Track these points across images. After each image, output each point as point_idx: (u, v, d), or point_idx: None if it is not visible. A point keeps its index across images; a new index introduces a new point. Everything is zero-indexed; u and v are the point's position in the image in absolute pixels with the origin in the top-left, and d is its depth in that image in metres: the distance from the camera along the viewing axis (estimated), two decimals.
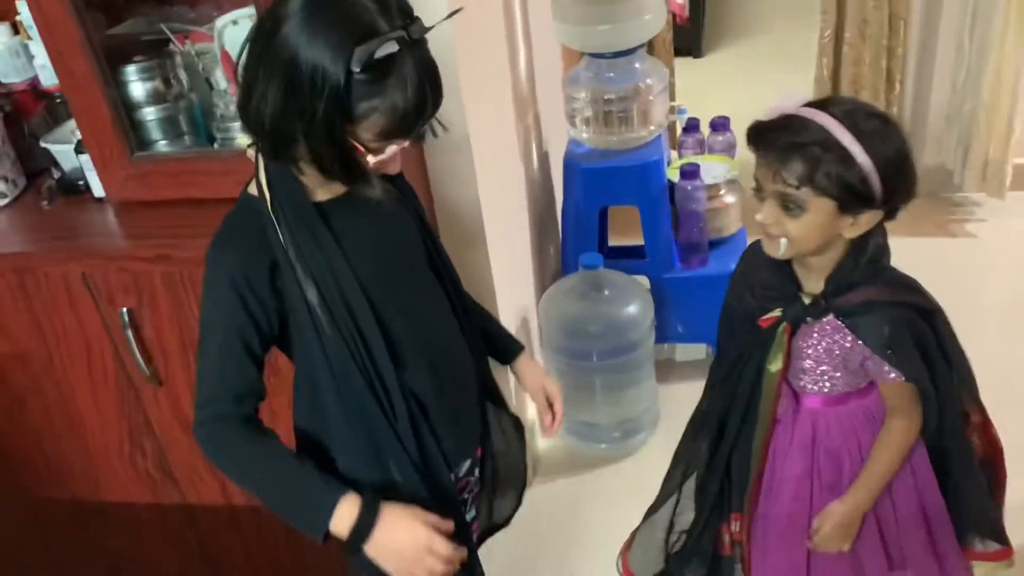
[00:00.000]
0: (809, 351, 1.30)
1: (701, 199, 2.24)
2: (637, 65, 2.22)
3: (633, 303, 2.13)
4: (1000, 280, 2.73)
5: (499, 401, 1.42)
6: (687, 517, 1.54)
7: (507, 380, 2.03)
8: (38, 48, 1.65)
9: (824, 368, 1.31)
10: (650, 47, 3.16)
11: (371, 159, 1.02)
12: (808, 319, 1.27)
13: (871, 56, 2.99)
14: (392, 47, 0.93)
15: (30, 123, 1.72)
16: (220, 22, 1.51)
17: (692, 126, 2.48)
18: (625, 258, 2.42)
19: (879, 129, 1.16)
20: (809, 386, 1.33)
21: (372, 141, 1.00)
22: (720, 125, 2.46)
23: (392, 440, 1.13)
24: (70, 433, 1.68)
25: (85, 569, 1.89)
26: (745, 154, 2.50)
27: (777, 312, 1.29)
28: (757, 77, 4.29)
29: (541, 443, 2.35)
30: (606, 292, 2.14)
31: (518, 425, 1.46)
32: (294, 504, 1.11)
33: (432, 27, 1.00)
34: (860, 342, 1.24)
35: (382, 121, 0.98)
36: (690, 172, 2.22)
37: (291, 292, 1.07)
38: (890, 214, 1.21)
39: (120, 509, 1.77)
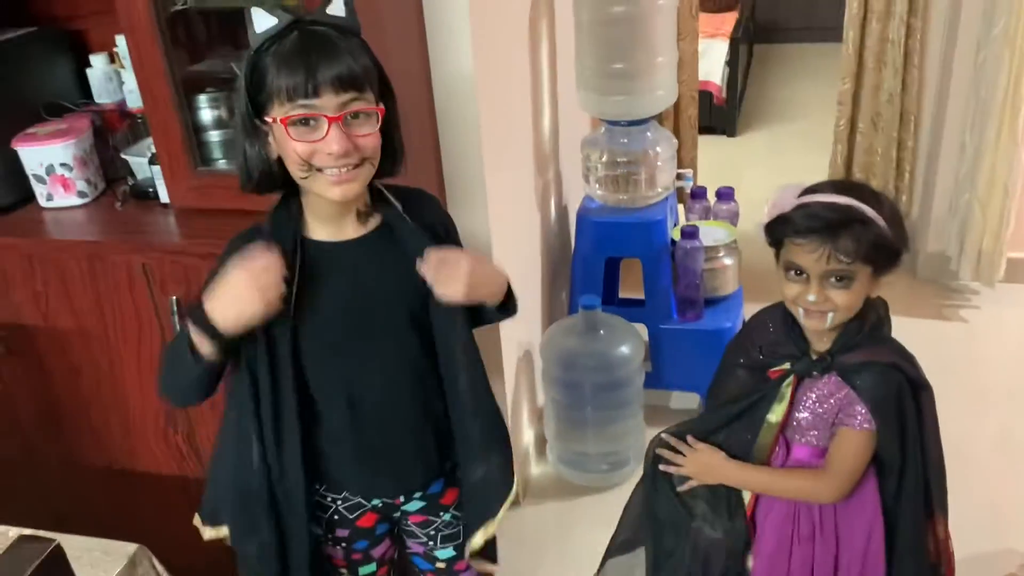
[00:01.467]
0: (809, 404, 1.41)
1: (699, 258, 2.46)
2: (648, 134, 2.47)
3: (625, 344, 2.34)
4: (986, 365, 2.88)
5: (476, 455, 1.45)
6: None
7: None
8: (128, 75, 1.96)
9: (819, 421, 1.41)
10: (676, 123, 3.42)
11: (298, 141, 1.16)
12: (814, 373, 1.40)
13: (883, 146, 3.21)
14: (271, 20, 1.15)
15: (114, 138, 2.01)
16: None
17: (700, 193, 2.71)
18: (630, 307, 2.64)
19: (874, 195, 1.34)
20: (798, 437, 1.45)
21: (286, 110, 1.15)
22: (725, 195, 2.69)
23: (255, 448, 1.32)
24: (115, 405, 1.93)
25: (113, 532, 2.12)
26: (746, 221, 2.72)
27: (786, 366, 1.41)
28: (784, 158, 4.53)
29: (534, 469, 2.55)
30: (601, 332, 2.35)
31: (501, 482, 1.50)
32: (175, 354, 1.26)
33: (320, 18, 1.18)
34: (854, 391, 1.36)
35: (278, 81, 1.14)
36: (690, 233, 2.44)
37: None
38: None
39: (150, 479, 2.01)
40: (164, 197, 1.84)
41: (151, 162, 1.84)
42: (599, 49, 2.37)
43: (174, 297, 1.74)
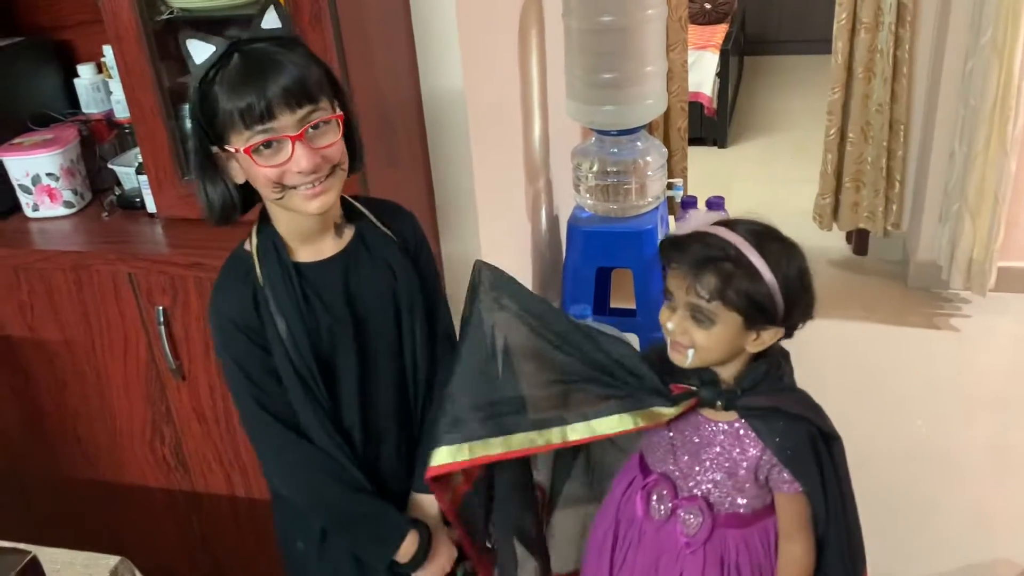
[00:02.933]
0: (718, 460, 1.32)
1: None
2: (639, 143, 2.47)
3: None
4: (977, 374, 2.88)
5: None
6: None
7: None
8: (115, 85, 1.95)
9: (734, 480, 1.32)
10: (666, 133, 3.43)
11: (265, 165, 1.15)
12: (718, 403, 1.30)
13: (872, 155, 3.22)
14: (208, 48, 1.14)
15: (101, 148, 2.00)
16: None
17: (690, 203, 2.71)
18: (621, 317, 2.63)
19: (783, 250, 1.24)
20: (722, 504, 1.35)
21: (246, 139, 1.14)
22: (715, 204, 2.69)
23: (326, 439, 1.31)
24: (102, 417, 1.91)
25: (99, 545, 2.09)
26: None
27: (692, 387, 1.31)
28: (775, 169, 4.54)
29: None
30: None
31: None
32: (365, 532, 1.34)
33: (254, 36, 1.16)
34: (767, 449, 1.28)
35: (229, 108, 1.12)
36: None
37: (268, 323, 1.26)
38: (788, 332, 1.28)
39: (136, 491, 1.99)
40: (151, 207, 1.83)
41: (138, 172, 1.83)
42: (588, 59, 2.37)
43: (160, 307, 1.73)
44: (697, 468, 1.35)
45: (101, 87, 2.06)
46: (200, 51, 1.15)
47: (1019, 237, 3.09)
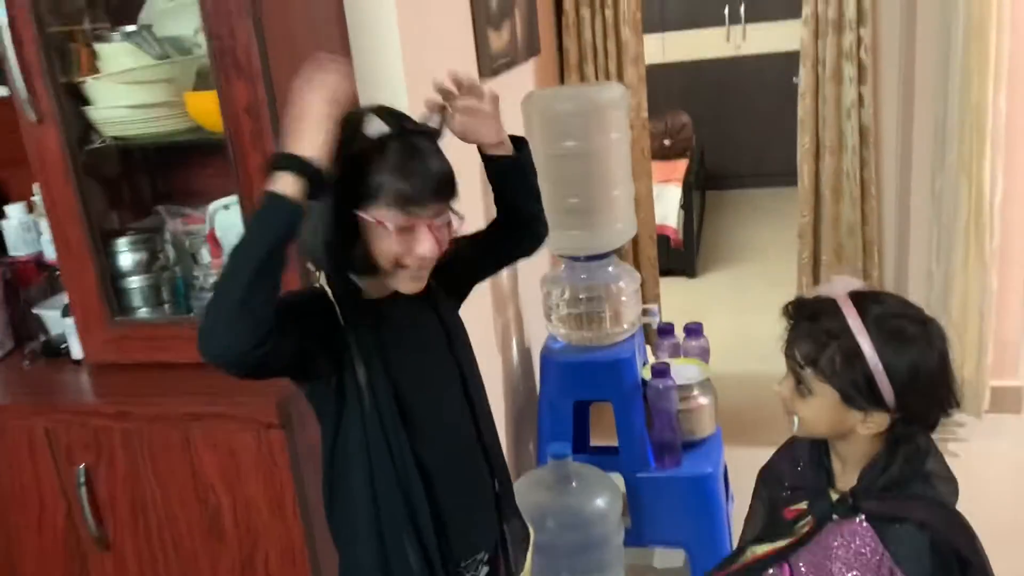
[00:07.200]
0: (839, 551, 1.23)
1: (672, 397, 2.28)
2: (610, 268, 2.36)
3: (601, 497, 2.11)
4: (980, 501, 2.66)
5: (513, 509, 1.47)
6: None
7: None
8: (46, 225, 1.80)
9: (854, 574, 1.22)
10: (636, 262, 3.34)
11: (396, 242, 1.16)
12: (835, 516, 1.23)
13: None
14: (382, 127, 1.15)
15: (27, 292, 1.84)
16: (212, 207, 1.66)
17: (667, 330, 2.57)
18: (603, 455, 2.43)
19: (903, 334, 1.15)
20: None
21: (393, 215, 1.15)
22: (694, 331, 2.55)
23: (404, 504, 1.24)
24: None
25: None
26: (716, 361, 2.58)
27: (803, 505, 1.27)
28: (747, 296, 4.47)
29: None
30: (574, 484, 2.13)
31: (526, 535, 1.51)
32: (257, 226, 1.11)
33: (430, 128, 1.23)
34: (890, 558, 1.18)
35: (392, 185, 1.14)
36: (661, 371, 2.28)
37: (347, 366, 1.21)
38: (919, 420, 1.19)
39: None
40: (77, 353, 1.65)
41: (64, 314, 1.66)
42: (554, 184, 2.28)
43: (82, 466, 1.52)
44: (822, 558, 1.27)
45: (32, 227, 1.91)
46: (373, 126, 1.17)
47: (1009, 355, 2.98)
